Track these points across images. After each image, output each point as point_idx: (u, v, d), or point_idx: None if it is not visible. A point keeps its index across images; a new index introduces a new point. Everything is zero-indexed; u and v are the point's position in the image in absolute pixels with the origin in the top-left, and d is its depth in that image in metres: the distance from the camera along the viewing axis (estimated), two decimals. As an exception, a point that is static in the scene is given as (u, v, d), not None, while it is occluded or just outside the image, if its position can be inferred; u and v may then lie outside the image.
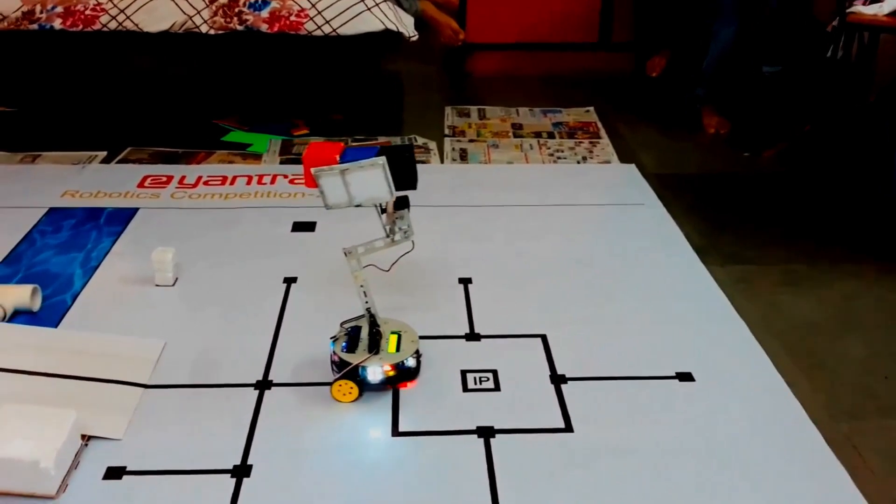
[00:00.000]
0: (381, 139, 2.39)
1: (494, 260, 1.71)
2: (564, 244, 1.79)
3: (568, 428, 1.22)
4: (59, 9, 2.29)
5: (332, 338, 1.30)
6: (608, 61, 3.18)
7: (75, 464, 1.11)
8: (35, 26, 2.31)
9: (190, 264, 1.66)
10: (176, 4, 2.28)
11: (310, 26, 2.30)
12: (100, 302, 1.53)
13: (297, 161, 2.23)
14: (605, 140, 2.44)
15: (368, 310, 1.32)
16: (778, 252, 1.83)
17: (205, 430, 1.21)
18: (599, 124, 2.57)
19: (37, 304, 1.49)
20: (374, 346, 1.28)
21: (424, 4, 2.62)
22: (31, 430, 1.08)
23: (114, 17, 2.29)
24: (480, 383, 1.33)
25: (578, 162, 2.27)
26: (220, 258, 1.70)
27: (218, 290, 1.58)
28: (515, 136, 2.46)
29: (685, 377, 1.34)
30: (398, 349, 1.30)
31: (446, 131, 2.49)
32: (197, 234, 1.80)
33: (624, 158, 2.30)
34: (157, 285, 1.58)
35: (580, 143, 2.41)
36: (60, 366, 1.29)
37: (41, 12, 2.30)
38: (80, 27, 2.30)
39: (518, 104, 2.72)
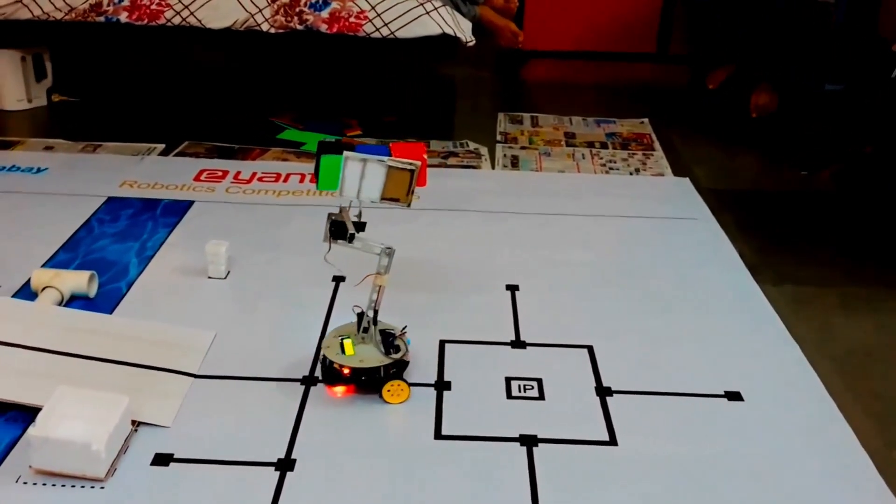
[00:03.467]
0: (434, 142, 2.40)
1: (543, 268, 1.70)
2: (614, 256, 1.77)
3: (612, 441, 1.21)
4: (126, 2, 2.35)
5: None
6: (665, 73, 3.16)
7: (124, 448, 1.13)
8: (101, 18, 2.37)
9: (242, 258, 1.68)
10: (239, 2, 2.32)
11: (368, 28, 2.32)
12: (154, 291, 1.56)
13: (349, 161, 2.24)
14: (658, 152, 2.42)
15: (376, 311, 1.31)
16: (834, 274, 1.79)
17: (251, 422, 1.22)
18: (654, 136, 2.54)
19: (93, 291, 1.52)
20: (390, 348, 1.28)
21: (483, 9, 2.63)
22: (84, 412, 1.10)
23: (178, 13, 2.34)
24: (525, 391, 1.32)
25: (631, 174, 2.25)
26: (271, 254, 1.72)
27: (268, 284, 1.60)
28: (568, 145, 2.44)
29: (734, 396, 1.32)
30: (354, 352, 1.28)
31: (498, 137, 2.49)
32: (250, 229, 1.82)
33: (678, 171, 2.27)
34: (209, 277, 1.61)
35: (633, 154, 2.39)
36: (114, 351, 1.32)
37: (108, 5, 2.36)
38: (145, 21, 2.36)
39: (571, 113, 2.70)
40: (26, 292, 1.51)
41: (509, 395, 1.31)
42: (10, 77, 2.56)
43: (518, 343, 1.44)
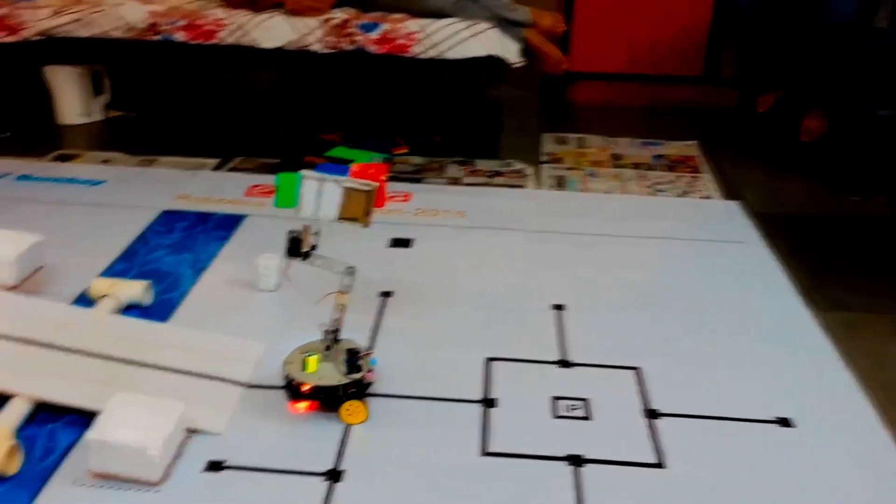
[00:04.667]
0: (479, 162, 2.42)
1: (589, 289, 1.70)
2: (661, 278, 1.77)
3: (660, 464, 1.20)
4: (183, 22, 2.42)
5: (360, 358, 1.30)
6: (712, 95, 3.14)
7: (178, 454, 1.16)
8: (159, 37, 2.44)
9: (292, 272, 1.70)
10: (291, 23, 2.38)
11: (417, 49, 2.35)
12: (206, 302, 1.60)
13: (396, 179, 2.28)
14: (706, 175, 2.40)
15: (338, 330, 1.31)
16: (887, 301, 1.76)
17: (300, 433, 1.24)
18: (702, 159, 2.53)
19: (148, 300, 1.56)
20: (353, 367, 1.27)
21: (529, 33, 2.64)
22: (141, 418, 1.13)
23: (232, 33, 2.40)
24: (571, 411, 1.32)
25: (678, 196, 2.24)
26: (320, 269, 1.74)
27: (317, 298, 1.62)
28: (614, 166, 2.45)
29: (785, 423, 1.30)
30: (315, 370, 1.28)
31: (543, 157, 2.50)
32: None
33: (726, 195, 2.26)
34: (260, 290, 1.64)
35: (681, 176, 2.38)
36: (169, 359, 1.35)
37: (166, 24, 2.43)
38: (200, 40, 2.42)
39: (618, 134, 2.71)
40: (84, 300, 1.55)
41: (556, 415, 1.31)
42: (69, 92, 2.64)
43: (564, 362, 1.44)
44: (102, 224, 1.91)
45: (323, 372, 1.27)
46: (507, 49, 2.37)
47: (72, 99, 2.65)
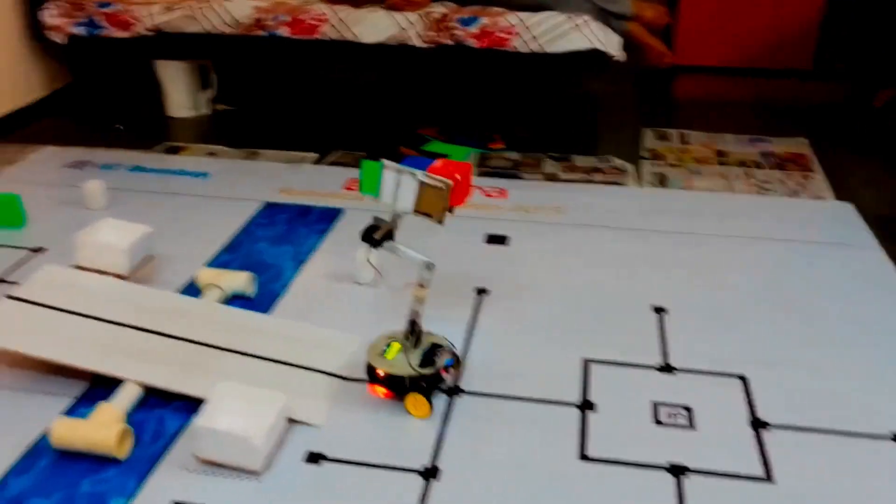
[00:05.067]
0: (577, 158, 2.38)
1: (692, 291, 1.65)
2: (769, 281, 1.69)
3: (768, 477, 1.15)
4: (287, 18, 2.46)
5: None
6: (823, 90, 2.99)
7: (279, 444, 1.18)
8: (263, 33, 2.50)
9: (389, 266, 1.71)
10: (393, 18, 2.39)
11: (517, 43, 2.33)
12: (307, 294, 1.62)
13: (493, 174, 2.26)
14: (818, 174, 2.29)
15: (415, 322, 1.30)
16: None
17: (397, 429, 1.24)
18: (812, 157, 2.41)
19: (252, 290, 1.60)
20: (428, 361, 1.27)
21: (632, 25, 2.58)
22: (245, 407, 1.16)
23: (334, 27, 2.43)
24: (673, 418, 1.28)
25: (788, 196, 2.14)
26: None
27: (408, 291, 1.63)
28: (719, 163, 2.36)
29: (903, 439, 1.23)
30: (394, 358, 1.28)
31: (644, 154, 2.43)
32: (397, 237, 1.86)
33: (840, 195, 2.15)
34: (358, 283, 1.66)
35: (790, 175, 2.27)
36: (271, 349, 1.38)
37: (270, 20, 2.48)
38: (304, 36, 2.46)
39: (722, 130, 2.61)
40: (191, 289, 1.61)
41: (657, 421, 1.27)
42: (178, 86, 2.74)
43: (666, 367, 1.40)
44: (208, 215, 1.97)
45: (397, 361, 1.28)
46: (609, 42, 2.31)
47: (180, 93, 2.74)
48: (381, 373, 1.27)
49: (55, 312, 1.41)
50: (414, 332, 1.30)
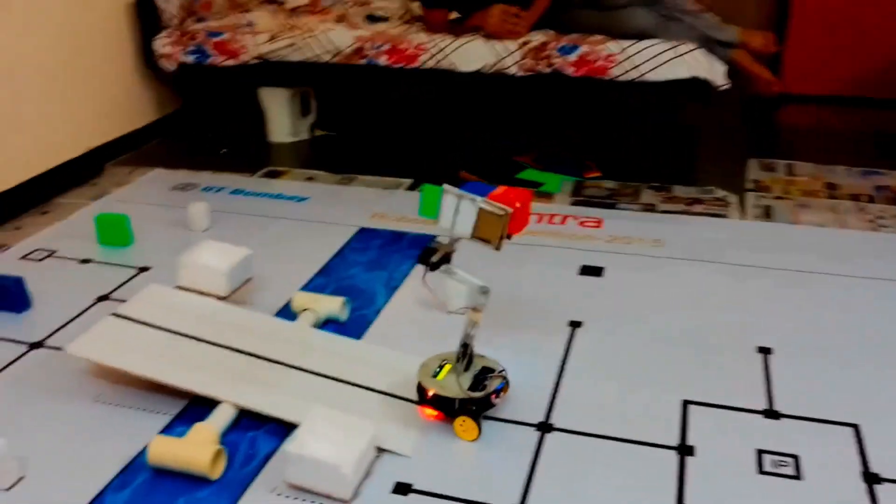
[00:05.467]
0: (676, 188, 2.31)
1: (800, 331, 1.56)
2: (885, 324, 1.59)
3: (885, 538, 1.07)
4: (386, 46, 2.50)
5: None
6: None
7: (368, 473, 1.18)
8: (363, 61, 2.54)
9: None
10: (491, 47, 2.39)
11: (616, 71, 2.29)
12: (398, 321, 1.62)
13: (588, 203, 2.22)
14: (938, 210, 2.15)
15: (467, 345, 1.30)
16: None
17: (486, 462, 1.22)
18: (933, 192, 2.27)
19: (345, 315, 1.61)
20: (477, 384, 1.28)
21: (738, 53, 2.51)
22: (335, 435, 1.16)
23: (433, 56, 2.46)
24: (779, 467, 1.20)
25: (905, 232, 2.02)
26: (508, 292, 1.72)
27: (505, 323, 1.61)
28: (829, 197, 2.25)
29: None
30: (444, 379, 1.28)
31: (748, 185, 2.34)
32: (487, 266, 1.83)
33: (963, 233, 2.01)
34: (449, 312, 1.64)
35: (908, 211, 2.14)
36: (362, 376, 1.38)
37: (371, 49, 2.52)
38: (403, 64, 2.50)
39: (833, 162, 2.49)
40: (286, 312, 1.63)
41: (761, 470, 1.20)
42: (280, 113, 2.81)
43: (771, 413, 1.33)
44: (304, 239, 2.00)
45: (447, 382, 1.28)
46: (714, 71, 2.25)
47: (282, 119, 2.82)
48: (430, 393, 1.27)
49: (157, 331, 1.45)
50: (466, 354, 1.30)
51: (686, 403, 1.35)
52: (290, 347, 1.44)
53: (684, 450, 1.24)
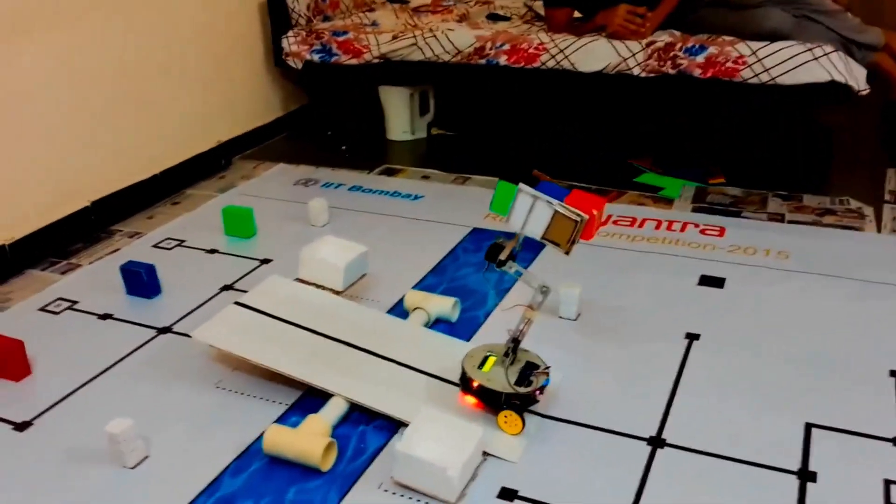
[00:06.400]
0: (806, 197, 2.20)
1: (940, 357, 1.45)
2: None
3: None
4: (507, 46, 2.50)
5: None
6: None
7: (474, 476, 1.18)
8: (483, 61, 2.54)
9: (592, 302, 1.67)
10: (613, 47, 2.34)
11: (746, 73, 2.20)
12: (507, 324, 1.60)
13: (710, 210, 2.14)
14: None
15: (518, 341, 1.32)
16: None
17: (593, 474, 1.19)
18: None
19: (455, 316, 1.62)
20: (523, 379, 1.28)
21: (881, 57, 2.36)
22: (443, 437, 1.16)
23: (553, 56, 2.43)
24: (911, 502, 1.13)
25: None
26: (622, 301, 1.69)
27: (618, 332, 1.57)
28: (979, 212, 2.08)
29: None
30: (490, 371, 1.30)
31: (887, 197, 2.20)
32: (602, 272, 1.81)
33: None
34: (560, 317, 1.62)
35: None
36: (470, 379, 1.38)
37: (490, 49, 2.52)
38: (523, 64, 2.48)
39: (984, 174, 2.31)
40: (399, 310, 1.65)
41: (888, 501, 1.12)
42: (398, 111, 2.86)
43: (905, 443, 1.24)
44: (418, 237, 2.03)
45: (494, 375, 1.28)
46: (853, 74, 2.12)
47: (400, 117, 2.86)
48: (476, 384, 1.28)
49: (276, 321, 1.50)
50: (515, 350, 1.31)
51: (809, 426, 1.28)
52: (401, 345, 1.46)
53: (806, 475, 1.18)
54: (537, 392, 1.28)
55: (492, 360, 1.33)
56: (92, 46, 2.12)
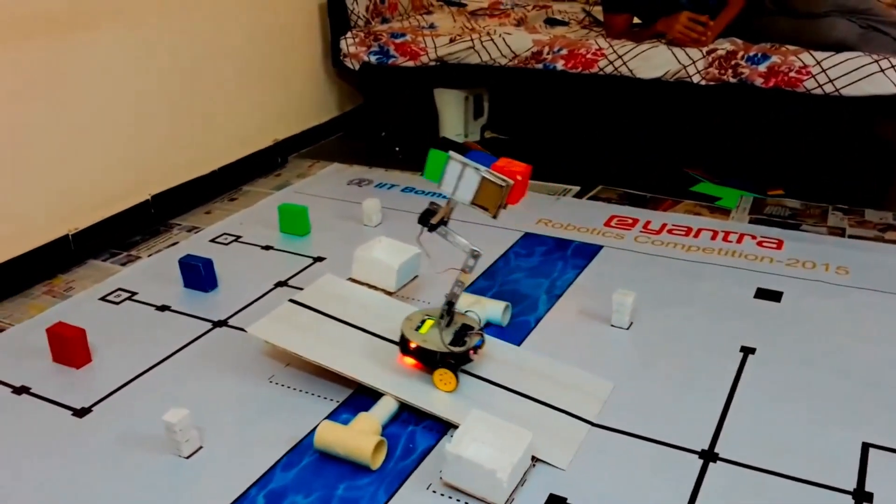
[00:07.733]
0: (868, 212, 2.14)
1: None
2: None
3: None
4: (564, 51, 2.49)
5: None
6: None
7: (522, 481, 1.17)
8: (540, 66, 2.54)
9: (645, 310, 1.66)
10: (673, 54, 2.32)
11: (810, 84, 2.15)
12: (559, 330, 1.61)
13: (768, 222, 2.11)
14: None
15: (452, 303, 1.39)
16: None
17: (644, 485, 1.18)
18: None
19: (506, 320, 1.62)
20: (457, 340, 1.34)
21: (951, 68, 2.28)
22: (493, 440, 1.16)
23: (611, 62, 2.41)
24: (975, 530, 1.09)
25: None
26: (676, 311, 1.67)
27: (671, 343, 1.56)
28: None
29: None
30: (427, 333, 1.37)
31: (953, 214, 2.14)
32: (656, 281, 1.79)
33: None
34: (612, 325, 1.61)
35: None
36: (524, 384, 1.38)
37: (547, 53, 2.52)
38: (580, 69, 2.47)
39: None
40: (449, 312, 1.66)
41: (952, 530, 1.09)
42: (453, 112, 2.86)
43: (971, 469, 1.20)
44: (470, 241, 2.02)
45: (430, 336, 1.35)
46: (920, 87, 2.06)
47: (454, 119, 2.87)
48: (413, 345, 1.34)
49: (329, 319, 1.52)
50: (450, 312, 1.37)
51: (866, 446, 1.25)
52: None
53: (862, 496, 1.15)
54: (471, 352, 1.35)
55: (429, 322, 1.40)
56: (159, 44, 2.18)
